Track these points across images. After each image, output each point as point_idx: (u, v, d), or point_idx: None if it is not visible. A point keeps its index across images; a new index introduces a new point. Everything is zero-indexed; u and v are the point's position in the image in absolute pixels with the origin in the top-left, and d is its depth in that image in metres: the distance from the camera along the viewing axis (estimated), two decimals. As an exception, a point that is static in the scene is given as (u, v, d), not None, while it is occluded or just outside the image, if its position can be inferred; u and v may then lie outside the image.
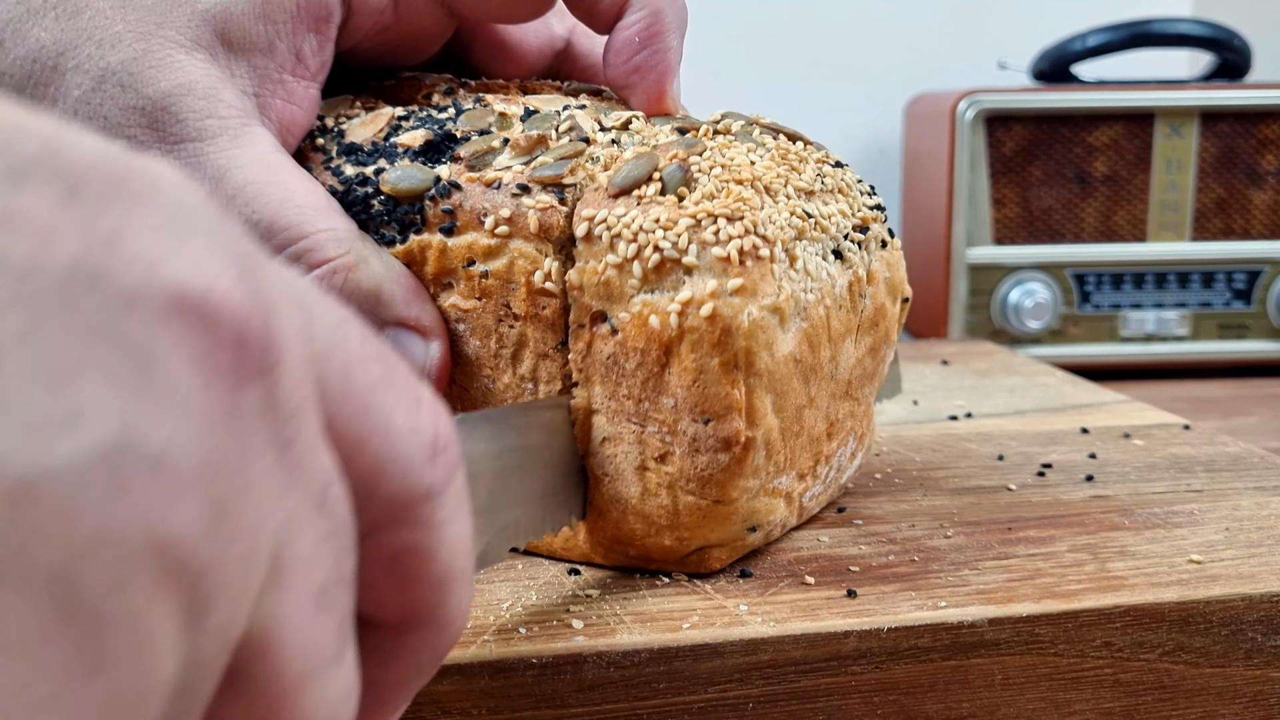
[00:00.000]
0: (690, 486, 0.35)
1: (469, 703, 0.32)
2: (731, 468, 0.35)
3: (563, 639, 0.33)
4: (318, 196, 0.36)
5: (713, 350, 0.33)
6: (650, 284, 0.34)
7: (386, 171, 0.37)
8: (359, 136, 0.39)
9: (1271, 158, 0.85)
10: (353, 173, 0.38)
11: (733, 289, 0.33)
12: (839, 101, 1.06)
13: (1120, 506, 0.44)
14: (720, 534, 0.36)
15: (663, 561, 0.37)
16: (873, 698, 0.34)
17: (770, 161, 0.37)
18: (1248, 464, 0.50)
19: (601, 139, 0.37)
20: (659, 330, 0.34)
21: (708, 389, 0.34)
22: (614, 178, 0.35)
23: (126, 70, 0.34)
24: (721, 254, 0.33)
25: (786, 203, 0.36)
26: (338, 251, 0.35)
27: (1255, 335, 0.86)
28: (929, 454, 0.51)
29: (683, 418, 0.34)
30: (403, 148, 0.38)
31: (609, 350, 0.35)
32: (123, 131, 0.35)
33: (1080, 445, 0.53)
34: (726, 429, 0.34)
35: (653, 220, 0.34)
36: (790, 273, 0.35)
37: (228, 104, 0.36)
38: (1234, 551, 0.39)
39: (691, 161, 0.35)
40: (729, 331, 0.33)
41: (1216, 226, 0.85)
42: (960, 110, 0.83)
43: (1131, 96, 0.83)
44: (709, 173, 0.35)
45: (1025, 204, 0.85)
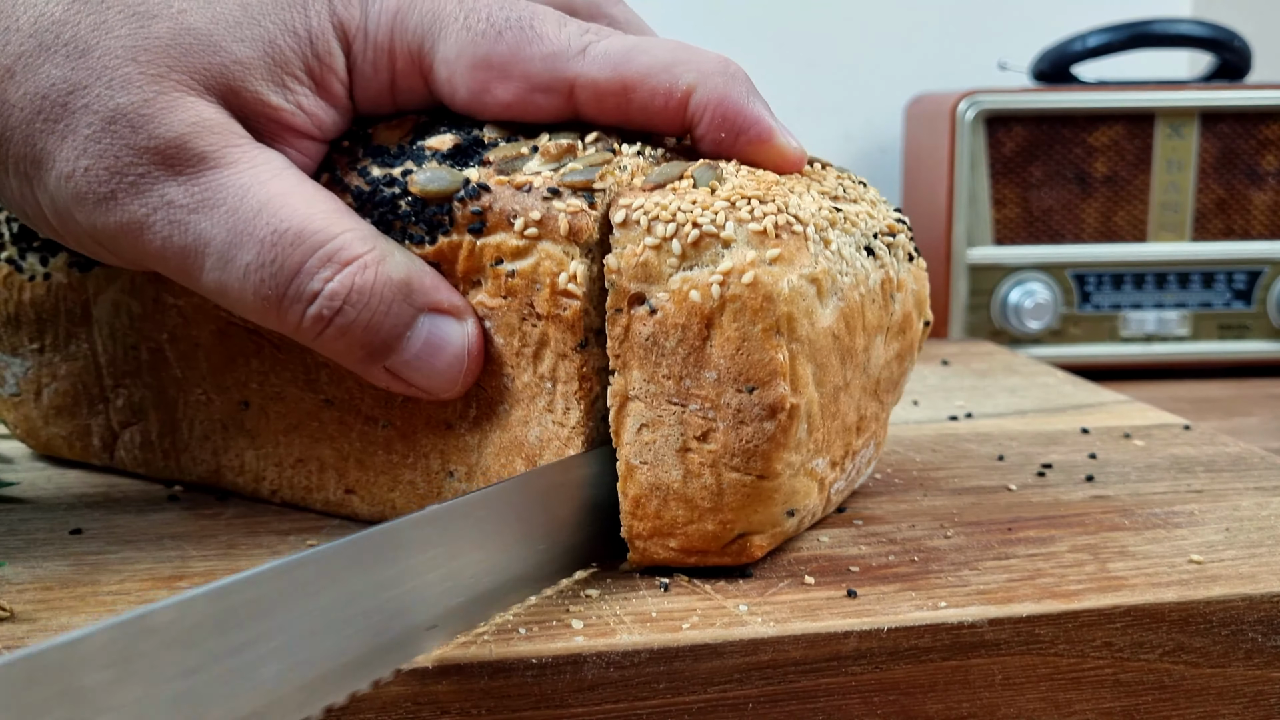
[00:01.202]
0: (735, 462, 0.35)
1: (468, 703, 0.32)
2: (777, 437, 0.35)
3: (562, 639, 0.33)
4: (336, 203, 0.37)
5: (755, 317, 0.34)
6: (689, 260, 0.35)
7: (415, 173, 0.38)
8: (385, 139, 0.40)
9: (1272, 158, 0.85)
10: (379, 174, 0.39)
11: (771, 258, 0.34)
12: (839, 102, 1.06)
13: (1120, 507, 0.44)
14: (762, 516, 0.37)
15: (704, 552, 0.37)
16: (873, 698, 0.34)
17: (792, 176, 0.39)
18: (1248, 464, 0.50)
19: (628, 150, 0.38)
20: (700, 303, 0.34)
21: (751, 356, 0.34)
22: (649, 176, 0.37)
23: (138, 112, 0.35)
24: (758, 228, 0.35)
25: (815, 199, 0.38)
26: (365, 248, 0.36)
27: (1255, 335, 0.86)
28: (929, 454, 0.51)
29: (726, 390, 0.35)
30: (430, 150, 0.39)
31: (648, 331, 0.35)
32: (131, 170, 0.35)
33: (1080, 445, 0.53)
34: (771, 395, 0.35)
35: (690, 202, 0.35)
36: (825, 252, 0.36)
37: (240, 135, 0.36)
38: (1234, 552, 0.39)
39: (719, 165, 0.37)
40: (770, 298, 0.34)
41: (1217, 227, 0.85)
42: (960, 111, 0.83)
43: (1132, 97, 0.83)
44: (736, 174, 0.37)
45: (1025, 204, 0.85)
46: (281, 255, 0.35)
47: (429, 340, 0.37)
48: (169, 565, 0.39)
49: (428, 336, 0.37)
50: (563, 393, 0.38)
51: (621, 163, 0.38)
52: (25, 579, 0.38)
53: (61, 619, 0.35)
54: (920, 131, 0.93)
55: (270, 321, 0.36)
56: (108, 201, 0.35)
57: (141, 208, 0.35)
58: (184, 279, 0.37)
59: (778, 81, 1.06)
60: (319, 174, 0.40)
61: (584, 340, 0.37)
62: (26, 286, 0.48)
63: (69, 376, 0.49)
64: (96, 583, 0.38)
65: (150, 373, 0.46)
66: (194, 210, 0.35)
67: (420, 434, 0.41)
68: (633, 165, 0.38)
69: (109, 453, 0.49)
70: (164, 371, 0.46)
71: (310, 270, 0.35)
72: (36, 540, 0.42)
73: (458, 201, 0.38)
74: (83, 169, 0.35)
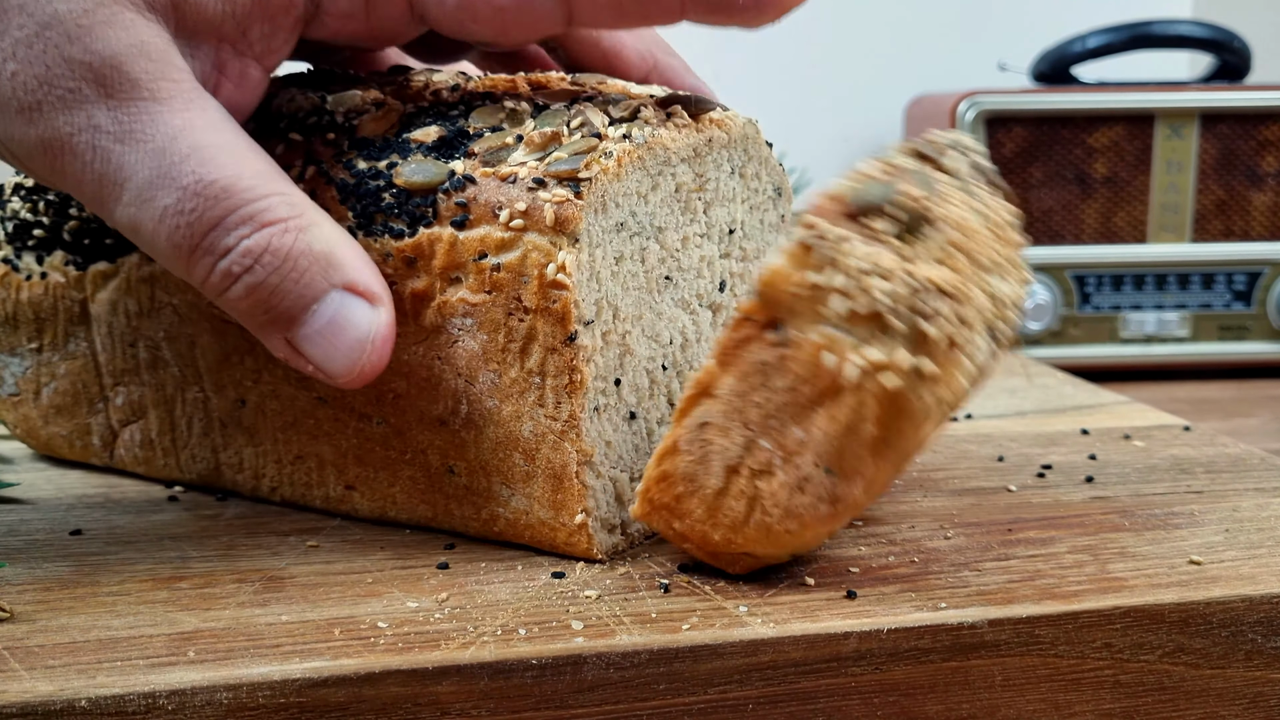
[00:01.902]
0: (775, 513, 0.35)
1: (469, 703, 0.32)
2: (827, 520, 0.34)
3: (562, 640, 0.33)
4: (270, 165, 0.35)
5: (876, 421, 0.33)
6: (846, 323, 0.33)
7: (400, 165, 0.38)
8: (370, 131, 0.40)
9: (1271, 159, 0.85)
10: (364, 166, 0.39)
11: (925, 372, 0.32)
12: (839, 102, 1.06)
13: (1120, 508, 0.44)
14: (769, 552, 0.36)
15: (693, 545, 0.37)
16: (873, 699, 0.34)
17: (982, 225, 0.35)
18: (1248, 465, 0.50)
19: (613, 134, 0.38)
20: (830, 371, 0.33)
21: (848, 448, 0.33)
22: (850, 195, 0.34)
23: (76, 21, 0.33)
24: (930, 332, 0.32)
25: (987, 284, 0.34)
26: (289, 213, 0.34)
27: (1255, 337, 0.86)
28: (929, 455, 0.51)
29: (806, 455, 0.34)
30: (415, 143, 0.39)
31: (764, 356, 0.34)
32: (61, 83, 0.34)
33: (1080, 446, 0.53)
34: (844, 490, 0.34)
35: (874, 263, 0.32)
36: (969, 365, 0.33)
37: (179, 69, 0.35)
38: (1234, 553, 0.39)
39: (925, 207, 0.34)
40: (900, 413, 0.32)
41: (1216, 228, 0.85)
42: (960, 111, 0.83)
43: (1131, 98, 0.83)
44: (938, 229, 0.33)
45: (1025, 205, 0.85)
46: (203, 206, 0.34)
47: (335, 319, 0.35)
48: (169, 566, 0.39)
49: (334, 314, 0.35)
50: (553, 387, 0.37)
51: (608, 148, 0.37)
52: (25, 579, 0.38)
53: (61, 619, 0.35)
54: (920, 132, 0.93)
55: (179, 270, 0.35)
56: (31, 112, 0.34)
57: (66, 125, 0.34)
58: (95, 207, 0.35)
59: (778, 82, 1.06)
60: (304, 167, 0.39)
61: (573, 333, 0.37)
62: (24, 286, 0.48)
63: (68, 376, 0.49)
64: (96, 583, 0.38)
65: (149, 371, 0.47)
66: (119, 139, 0.34)
67: (415, 431, 0.41)
68: (619, 151, 0.37)
69: (109, 452, 0.49)
70: (162, 370, 0.46)
71: (229, 226, 0.34)
72: (36, 541, 0.42)
73: (442, 194, 0.38)
74: (9, 73, 0.34)
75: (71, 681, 0.31)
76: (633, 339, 0.40)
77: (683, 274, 0.42)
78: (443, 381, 0.39)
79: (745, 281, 0.45)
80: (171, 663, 0.32)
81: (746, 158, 0.44)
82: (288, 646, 0.33)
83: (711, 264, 0.43)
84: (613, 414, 0.39)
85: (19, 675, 0.31)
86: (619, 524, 0.40)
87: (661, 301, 0.41)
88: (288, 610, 0.35)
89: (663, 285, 0.41)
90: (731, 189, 0.43)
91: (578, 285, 0.36)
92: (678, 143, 0.40)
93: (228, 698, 0.31)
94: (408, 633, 0.34)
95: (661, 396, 0.42)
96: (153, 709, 0.30)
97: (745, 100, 1.04)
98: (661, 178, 0.40)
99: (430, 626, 0.34)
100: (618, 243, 0.38)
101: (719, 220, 0.43)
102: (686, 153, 0.40)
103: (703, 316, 0.43)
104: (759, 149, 0.44)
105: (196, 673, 0.31)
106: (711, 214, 0.42)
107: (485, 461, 0.39)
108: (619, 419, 0.40)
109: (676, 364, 0.42)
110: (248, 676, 0.31)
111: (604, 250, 0.38)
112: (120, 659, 0.32)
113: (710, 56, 1.04)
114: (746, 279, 0.45)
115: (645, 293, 0.40)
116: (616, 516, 0.40)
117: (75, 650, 0.33)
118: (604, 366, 0.39)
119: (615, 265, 0.38)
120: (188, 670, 0.31)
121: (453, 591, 0.37)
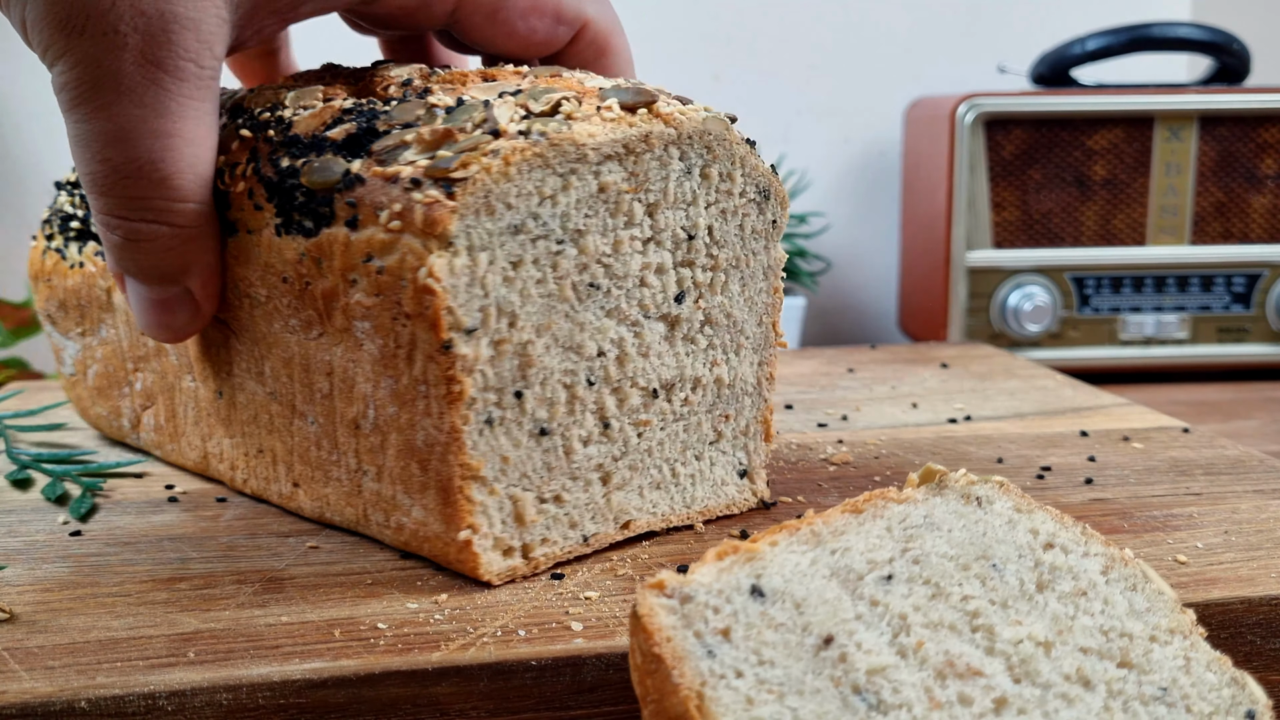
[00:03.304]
0: None
1: (468, 704, 0.32)
2: None
3: (562, 641, 0.33)
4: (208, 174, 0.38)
5: None
6: None
7: (309, 164, 0.37)
8: (303, 129, 0.39)
9: (1270, 161, 0.85)
10: (286, 164, 0.38)
11: None
12: (839, 105, 1.06)
13: (1119, 509, 0.44)
14: None
15: None
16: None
17: None
18: (1247, 467, 0.50)
19: (512, 129, 0.36)
20: None
21: None
22: None
23: None
24: None
25: None
26: (191, 224, 0.38)
27: (1254, 339, 0.86)
28: (928, 456, 0.51)
29: None
30: (330, 141, 0.38)
31: None
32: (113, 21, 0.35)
33: (1079, 448, 0.53)
34: None
35: None
36: None
37: (214, 56, 0.37)
38: (1233, 555, 0.39)
39: None
40: None
41: (1215, 230, 0.86)
42: (960, 114, 0.83)
43: (1131, 100, 0.83)
44: None
45: (1025, 207, 0.85)
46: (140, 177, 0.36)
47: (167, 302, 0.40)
48: (169, 567, 0.39)
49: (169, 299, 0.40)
50: (435, 396, 0.36)
51: (495, 146, 0.35)
52: (25, 581, 0.38)
53: (61, 620, 0.35)
54: (920, 135, 0.93)
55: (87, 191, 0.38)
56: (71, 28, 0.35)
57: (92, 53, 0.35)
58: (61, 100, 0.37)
59: (778, 84, 1.06)
60: (247, 164, 0.39)
61: (447, 341, 0.35)
62: (69, 274, 0.50)
63: (103, 360, 0.51)
64: (96, 584, 0.38)
65: (156, 359, 0.48)
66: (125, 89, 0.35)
67: (338, 431, 0.40)
68: (506, 149, 0.35)
69: (136, 434, 0.52)
70: (164, 358, 0.48)
71: (145, 204, 0.37)
72: (37, 542, 0.42)
73: (337, 193, 0.36)
74: None
75: (71, 682, 0.31)
76: (537, 350, 0.37)
77: (616, 282, 0.39)
78: (355, 384, 0.38)
79: (719, 292, 0.42)
80: (171, 663, 0.32)
81: (709, 156, 0.40)
82: (287, 647, 0.33)
83: (662, 272, 0.40)
84: (512, 428, 0.37)
85: (19, 676, 0.31)
86: (518, 546, 0.38)
87: (583, 311, 0.38)
88: (288, 611, 0.35)
89: (586, 293, 0.38)
90: (687, 190, 0.39)
91: (453, 291, 0.34)
92: (598, 138, 0.36)
93: (227, 699, 0.31)
94: (407, 634, 0.34)
95: (589, 413, 0.39)
96: (152, 710, 0.30)
97: (745, 101, 1.05)
98: (576, 177, 0.36)
99: (430, 627, 0.34)
100: (513, 246, 0.36)
101: (669, 224, 0.39)
102: (612, 149, 0.37)
103: (650, 329, 0.40)
104: (731, 148, 0.40)
105: (196, 673, 0.31)
106: (658, 217, 0.39)
107: (390, 468, 0.38)
108: (522, 434, 0.37)
109: (610, 379, 0.39)
110: (247, 677, 0.31)
111: (492, 254, 0.35)
112: (120, 660, 0.32)
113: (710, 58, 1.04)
114: (720, 289, 0.42)
115: (557, 300, 0.37)
116: (517, 538, 0.38)
117: (75, 651, 0.33)
118: (496, 378, 0.36)
119: (511, 270, 0.36)
120: (187, 671, 0.31)
121: (452, 592, 0.37)
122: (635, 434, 0.40)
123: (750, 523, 0.43)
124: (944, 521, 0.33)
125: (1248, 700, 0.29)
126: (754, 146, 0.41)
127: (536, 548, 0.38)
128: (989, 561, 0.32)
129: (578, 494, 0.39)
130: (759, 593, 0.29)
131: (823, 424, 0.57)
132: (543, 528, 0.38)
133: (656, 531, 0.42)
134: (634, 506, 0.41)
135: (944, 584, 0.31)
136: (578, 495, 0.39)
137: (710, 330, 0.42)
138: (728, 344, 0.42)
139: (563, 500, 0.39)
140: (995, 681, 0.28)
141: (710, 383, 0.42)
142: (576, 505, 0.39)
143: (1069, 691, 0.29)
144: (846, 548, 0.32)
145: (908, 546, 0.32)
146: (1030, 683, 0.29)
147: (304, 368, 0.40)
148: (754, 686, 0.27)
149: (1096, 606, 0.31)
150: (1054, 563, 0.32)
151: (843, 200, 1.08)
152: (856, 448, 0.53)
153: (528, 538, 0.38)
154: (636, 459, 0.41)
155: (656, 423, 0.41)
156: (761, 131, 1.03)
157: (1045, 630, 0.30)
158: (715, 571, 0.30)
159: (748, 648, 0.28)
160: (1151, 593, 0.32)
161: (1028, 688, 0.28)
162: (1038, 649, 0.29)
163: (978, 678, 0.28)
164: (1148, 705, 0.29)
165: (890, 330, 1.08)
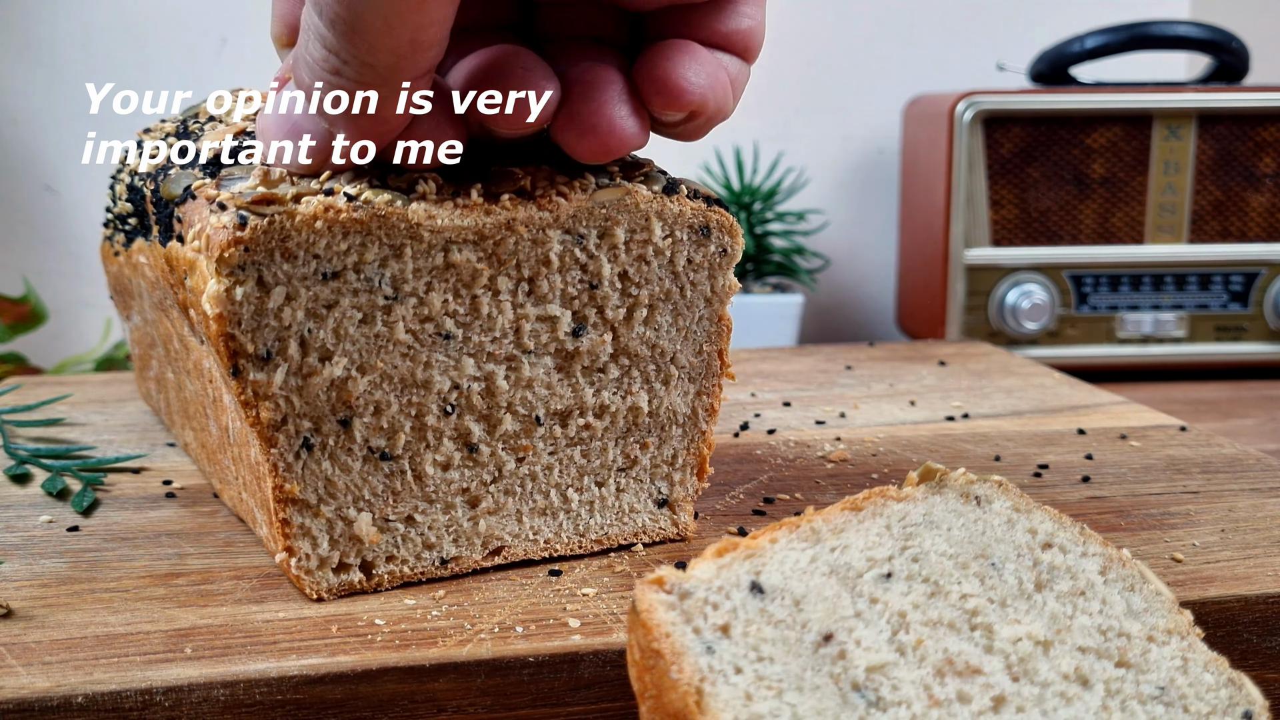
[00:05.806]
0: None
1: (466, 700, 0.32)
2: None
3: (559, 638, 0.33)
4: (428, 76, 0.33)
5: None
6: None
7: (167, 175, 0.39)
8: (206, 142, 0.39)
9: (1269, 160, 0.85)
10: (173, 174, 0.39)
11: None
12: (838, 102, 1.06)
13: (1116, 507, 0.44)
14: None
15: None
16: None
17: None
18: (1244, 466, 0.50)
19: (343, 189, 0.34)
20: None
21: None
22: None
23: None
24: None
25: None
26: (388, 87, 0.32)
27: (1252, 337, 0.86)
28: (926, 454, 0.51)
29: None
30: (207, 155, 0.38)
31: None
32: None
33: (1077, 446, 0.53)
34: None
35: None
36: None
37: None
38: (1230, 553, 0.39)
39: None
40: None
41: (1214, 229, 0.86)
42: (959, 111, 0.83)
43: (1129, 99, 0.83)
44: None
45: (1023, 205, 0.85)
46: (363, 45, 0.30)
47: None
48: (166, 563, 0.39)
49: None
50: (242, 417, 0.36)
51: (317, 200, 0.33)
52: (23, 576, 0.38)
53: (58, 616, 0.35)
54: (918, 132, 0.93)
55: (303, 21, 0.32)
56: None
57: None
58: None
59: (777, 82, 1.06)
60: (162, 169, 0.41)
61: (234, 367, 0.34)
62: (114, 261, 0.52)
63: (137, 343, 0.55)
64: (94, 580, 0.38)
65: (158, 347, 0.50)
66: None
67: (224, 437, 0.41)
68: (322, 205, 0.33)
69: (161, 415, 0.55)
70: (159, 347, 0.50)
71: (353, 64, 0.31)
72: (34, 537, 0.42)
73: (176, 206, 0.37)
74: None
75: (68, 677, 0.31)
76: (360, 386, 0.36)
77: (477, 330, 0.37)
78: (222, 394, 0.39)
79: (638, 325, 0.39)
80: (168, 659, 0.32)
81: (607, 223, 0.37)
82: (285, 643, 0.33)
83: (548, 319, 0.38)
84: (339, 454, 0.36)
85: (16, 671, 0.31)
86: (355, 563, 0.37)
87: (429, 352, 0.36)
88: (285, 607, 0.35)
89: (431, 341, 0.36)
90: (580, 254, 0.37)
91: (231, 318, 0.33)
92: (439, 222, 0.35)
93: (224, 694, 0.31)
94: (405, 630, 0.34)
95: (446, 439, 0.37)
96: (149, 705, 0.30)
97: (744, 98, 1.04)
98: (411, 250, 0.35)
99: (427, 624, 0.34)
100: (324, 292, 0.34)
101: (554, 286, 0.37)
102: (458, 235, 0.35)
103: (534, 363, 0.38)
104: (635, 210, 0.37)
105: (193, 669, 0.31)
106: (540, 283, 0.37)
107: (247, 480, 0.39)
108: (353, 459, 0.36)
109: (474, 408, 0.38)
110: (244, 673, 0.31)
111: (292, 291, 0.34)
112: (117, 655, 0.32)
113: (709, 55, 1.03)
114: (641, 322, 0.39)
115: (387, 342, 0.36)
116: (354, 555, 0.37)
117: (72, 646, 0.33)
118: (307, 406, 0.35)
119: (324, 310, 0.34)
120: (184, 666, 0.31)
121: (450, 589, 0.37)
122: (513, 459, 0.39)
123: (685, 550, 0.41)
124: (943, 520, 0.33)
125: (1245, 701, 0.29)
126: (676, 190, 0.38)
127: (381, 564, 0.37)
128: (988, 560, 0.32)
129: (435, 516, 0.38)
130: (758, 589, 0.29)
131: (820, 421, 0.57)
132: (389, 546, 0.37)
133: None
134: (508, 532, 0.39)
135: (943, 582, 0.31)
136: (435, 518, 0.38)
137: (626, 361, 0.39)
138: (651, 374, 0.40)
139: (415, 522, 0.38)
140: (994, 680, 0.28)
141: (623, 411, 0.40)
142: (434, 527, 0.38)
143: (1067, 690, 0.29)
144: (846, 545, 0.32)
145: (907, 545, 0.32)
146: (1028, 681, 0.29)
147: (198, 372, 0.42)
148: (753, 683, 0.27)
149: (1095, 606, 0.31)
150: (1052, 562, 0.32)
151: (841, 197, 1.07)
152: (854, 445, 0.53)
153: (370, 555, 0.37)
154: (513, 484, 0.39)
155: (543, 448, 0.39)
156: (760, 129, 1.03)
157: (1044, 629, 0.30)
158: (715, 568, 0.30)
159: (747, 644, 0.28)
160: (1149, 593, 0.32)
161: (1026, 686, 0.29)
162: (1036, 648, 0.29)
163: (976, 676, 0.28)
164: (1145, 704, 0.29)
165: (888, 328, 1.08)
